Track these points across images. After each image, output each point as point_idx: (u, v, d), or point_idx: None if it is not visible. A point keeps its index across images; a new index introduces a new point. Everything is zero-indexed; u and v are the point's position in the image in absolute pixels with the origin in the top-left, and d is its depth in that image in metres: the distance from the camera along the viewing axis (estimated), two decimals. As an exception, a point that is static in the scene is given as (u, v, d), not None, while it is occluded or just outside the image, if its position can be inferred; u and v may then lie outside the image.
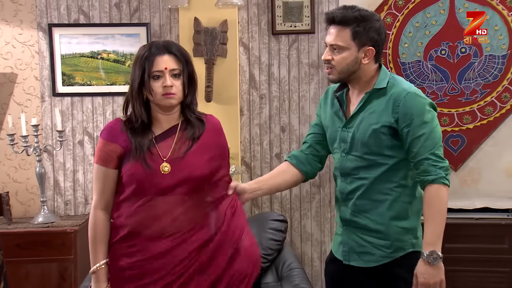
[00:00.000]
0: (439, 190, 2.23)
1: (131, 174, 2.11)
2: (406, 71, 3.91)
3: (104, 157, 2.13)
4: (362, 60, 2.33)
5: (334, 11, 2.33)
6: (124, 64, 4.04)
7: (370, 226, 2.37)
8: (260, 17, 4.06)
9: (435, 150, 2.25)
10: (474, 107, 3.88)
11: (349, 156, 2.40)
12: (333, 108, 2.50)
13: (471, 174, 3.93)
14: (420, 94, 2.32)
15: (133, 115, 2.17)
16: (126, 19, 4.06)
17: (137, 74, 2.15)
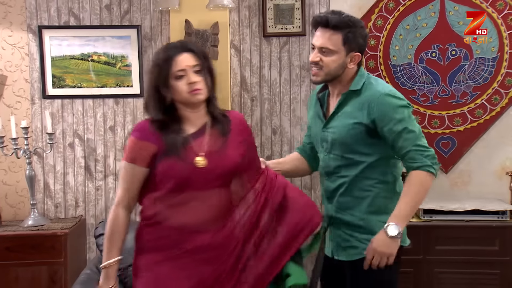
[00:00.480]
0: (421, 176, 2.31)
1: (169, 170, 2.13)
2: (397, 73, 3.92)
3: (135, 155, 2.14)
4: (348, 64, 2.38)
5: (327, 15, 2.36)
6: (115, 66, 4.03)
7: (353, 221, 2.45)
8: (251, 19, 4.06)
9: (417, 141, 2.33)
10: (464, 110, 3.89)
11: (331, 155, 2.48)
12: (315, 109, 2.58)
13: (462, 176, 3.94)
14: (394, 94, 2.38)
15: (155, 115, 2.21)
16: (116, 21, 4.04)
17: (160, 78, 2.17)
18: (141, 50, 4.03)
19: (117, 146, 4.09)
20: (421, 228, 3.54)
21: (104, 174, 4.10)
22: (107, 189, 4.10)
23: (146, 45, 4.07)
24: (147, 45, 4.07)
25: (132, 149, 2.15)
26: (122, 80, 4.05)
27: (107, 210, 4.08)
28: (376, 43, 3.93)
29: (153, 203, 2.16)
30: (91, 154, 4.09)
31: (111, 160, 4.09)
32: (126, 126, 4.09)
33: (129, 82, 4.05)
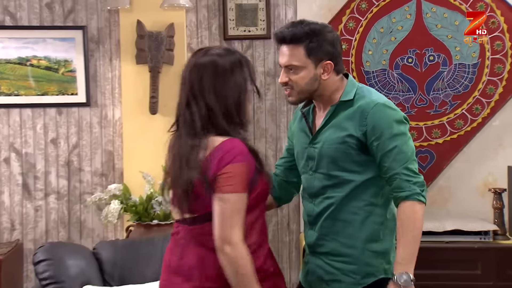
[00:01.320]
0: (413, 207, 2.27)
1: (266, 189, 2.22)
2: (371, 80, 3.97)
3: (246, 181, 2.13)
4: (321, 76, 2.37)
5: (283, 30, 2.36)
6: (57, 71, 4.00)
7: (338, 249, 2.40)
8: (210, 20, 4.08)
9: (408, 164, 2.29)
10: (443, 120, 3.96)
11: (317, 175, 2.44)
12: (300, 125, 2.55)
13: (441, 193, 4.00)
14: (390, 105, 2.37)
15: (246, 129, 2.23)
16: (59, 21, 4.02)
17: (243, 81, 2.20)
18: (87, 54, 4.01)
19: (60, 161, 4.06)
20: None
21: (45, 193, 4.05)
22: (48, 209, 4.05)
23: (93, 49, 4.05)
24: (94, 49, 4.05)
25: (246, 176, 2.13)
26: (65, 87, 4.02)
27: (47, 234, 4.05)
28: (348, 48, 3.98)
29: (251, 228, 2.19)
30: (29, 170, 4.05)
31: (53, 177, 4.06)
32: (70, 138, 4.06)
33: (73, 90, 4.03)
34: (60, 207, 4.08)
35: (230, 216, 2.10)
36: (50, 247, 3.02)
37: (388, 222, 2.41)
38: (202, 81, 2.16)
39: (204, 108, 2.16)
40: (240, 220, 2.11)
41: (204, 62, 2.18)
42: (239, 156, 2.12)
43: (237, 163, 2.11)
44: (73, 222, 4.09)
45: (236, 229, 2.10)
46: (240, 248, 2.10)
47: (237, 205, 2.11)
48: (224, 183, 2.09)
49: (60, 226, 4.08)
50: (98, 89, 4.08)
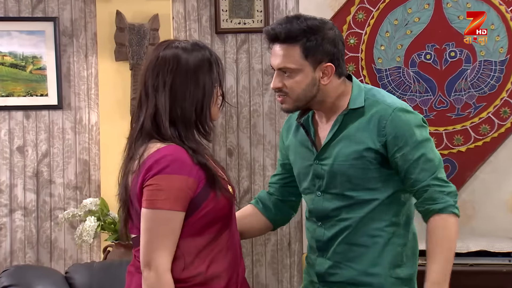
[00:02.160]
0: (447, 221, 2.27)
1: (223, 208, 2.13)
2: (383, 79, 3.95)
3: (181, 197, 2.06)
4: (320, 80, 2.32)
5: (275, 26, 2.30)
6: (25, 69, 3.99)
7: (356, 278, 2.36)
8: (200, 11, 4.07)
9: (438, 173, 2.28)
10: (466, 125, 3.94)
11: (327, 195, 2.39)
12: (298, 138, 2.49)
13: (464, 209, 3.95)
14: (408, 109, 2.35)
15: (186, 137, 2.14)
16: (26, 12, 4.01)
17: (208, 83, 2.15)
18: (59, 49, 4.00)
19: (28, 173, 4.04)
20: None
21: (10, 209, 4.03)
22: (13, 227, 4.03)
23: (66, 43, 4.04)
24: (67, 43, 4.04)
25: (178, 190, 2.06)
26: (34, 88, 4.01)
27: (12, 255, 4.02)
28: (357, 42, 3.96)
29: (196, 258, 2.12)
30: (-8, 182, 4.03)
31: (19, 190, 4.03)
32: (39, 146, 4.04)
33: (43, 90, 4.02)
34: (28, 225, 4.05)
35: (155, 236, 2.06)
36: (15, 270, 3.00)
37: (409, 243, 2.40)
38: (158, 78, 2.12)
39: (153, 109, 2.12)
40: (169, 243, 2.06)
41: (164, 56, 2.13)
42: (172, 166, 2.06)
43: (168, 175, 2.05)
44: (42, 242, 4.06)
45: (160, 253, 2.05)
46: (162, 275, 2.05)
47: (165, 224, 2.06)
48: (150, 196, 2.05)
49: (27, 247, 4.05)
50: (72, 89, 4.06)
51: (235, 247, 2.20)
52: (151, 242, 2.04)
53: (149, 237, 2.05)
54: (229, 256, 2.16)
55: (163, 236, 2.05)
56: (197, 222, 2.10)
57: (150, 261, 2.04)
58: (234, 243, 2.20)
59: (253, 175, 4.06)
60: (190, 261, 2.10)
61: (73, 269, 3.14)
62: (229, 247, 2.17)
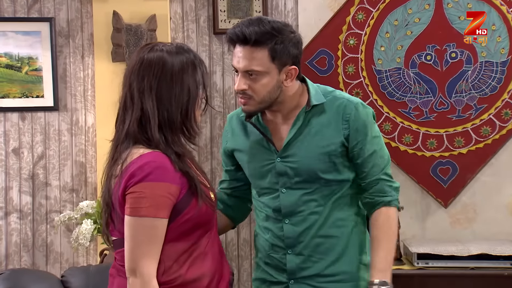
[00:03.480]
0: (393, 213, 2.46)
1: (204, 215, 2.17)
2: (383, 80, 3.95)
3: (164, 204, 2.09)
4: (284, 82, 2.39)
5: (243, 29, 2.32)
6: (20, 70, 3.99)
7: (330, 268, 2.46)
8: (198, 11, 4.07)
9: (386, 169, 2.48)
10: (467, 127, 3.94)
11: (293, 191, 2.47)
12: (251, 138, 2.54)
13: (465, 212, 3.98)
14: (365, 104, 2.52)
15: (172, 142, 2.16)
16: (22, 12, 4.01)
17: (192, 86, 2.18)
18: (55, 50, 4.00)
19: (23, 175, 4.04)
20: (415, 278, 3.56)
21: (5, 211, 4.03)
22: (8, 230, 4.03)
23: (62, 44, 4.04)
24: (63, 44, 4.04)
25: (160, 197, 2.08)
26: (29, 89, 4.01)
27: (8, 259, 4.02)
28: (357, 43, 3.96)
29: (175, 262, 2.16)
30: (-13, 185, 4.03)
31: (15, 193, 4.03)
32: (36, 148, 4.04)
33: (39, 91, 4.01)
34: (23, 228, 4.05)
35: (140, 243, 2.09)
36: (11, 274, 3.00)
37: (366, 232, 2.56)
38: (144, 81, 2.14)
39: (138, 113, 2.14)
40: (153, 250, 2.10)
41: (149, 59, 2.16)
42: (155, 173, 2.08)
43: (151, 182, 2.08)
44: (38, 245, 4.06)
45: (146, 260, 2.08)
46: (148, 282, 2.08)
47: (149, 231, 2.09)
48: (134, 204, 2.07)
49: (23, 250, 4.04)
50: (68, 90, 4.06)
51: (215, 250, 2.24)
52: (136, 249, 2.08)
53: (133, 244, 2.08)
54: (209, 259, 2.21)
55: (147, 243, 2.08)
56: (178, 228, 2.14)
57: (136, 268, 2.07)
58: (215, 246, 2.25)
59: (252, 178, 4.06)
60: (169, 265, 2.14)
61: (69, 272, 3.14)
62: (209, 251, 2.21)
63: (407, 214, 3.89)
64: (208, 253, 2.20)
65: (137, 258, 2.07)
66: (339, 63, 3.97)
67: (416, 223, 3.98)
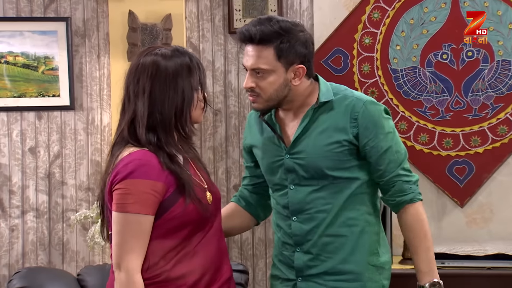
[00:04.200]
0: (418, 210, 2.46)
1: (187, 214, 2.20)
2: (398, 79, 3.95)
3: (148, 201, 2.16)
4: (292, 81, 2.43)
5: (250, 28, 2.39)
6: (37, 70, 4.01)
7: (337, 267, 2.47)
8: (213, 11, 4.07)
9: (404, 164, 2.46)
10: (484, 126, 3.93)
11: (301, 188, 2.49)
12: (264, 135, 2.58)
13: (481, 211, 3.96)
14: (376, 102, 2.51)
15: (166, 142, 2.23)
16: (39, 12, 4.02)
17: (187, 88, 2.25)
18: (71, 49, 4.01)
19: (40, 174, 4.05)
20: (431, 278, 3.56)
21: (22, 210, 4.04)
22: (25, 229, 4.04)
23: (78, 43, 4.05)
24: (79, 43, 4.05)
25: (144, 194, 2.16)
26: (46, 88, 4.03)
27: (24, 257, 4.03)
28: (372, 42, 3.96)
29: (162, 259, 2.21)
30: (4, 183, 4.04)
31: (31, 192, 4.05)
32: (51, 147, 4.06)
33: (55, 91, 4.03)
34: (40, 227, 4.07)
35: (125, 239, 2.16)
36: (27, 273, 3.02)
37: (382, 233, 2.55)
38: (139, 84, 2.23)
39: (131, 114, 2.23)
40: (139, 245, 2.16)
41: (144, 63, 2.24)
42: (139, 171, 2.16)
43: (135, 179, 2.15)
44: (54, 243, 4.08)
45: (131, 255, 2.15)
46: (132, 276, 2.15)
47: (134, 227, 2.16)
48: (119, 200, 2.15)
49: (39, 249, 4.06)
50: (84, 90, 4.08)
51: (210, 249, 2.27)
52: (122, 244, 2.15)
53: (119, 239, 2.15)
54: (200, 258, 2.24)
55: (132, 239, 2.15)
56: (165, 225, 2.20)
57: (121, 262, 2.14)
58: (210, 246, 2.27)
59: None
60: (154, 262, 2.20)
61: (85, 271, 3.16)
62: (200, 250, 2.24)
63: (423, 214, 3.89)
64: (198, 251, 2.24)
65: (122, 253, 2.15)
66: (355, 62, 3.97)
67: (432, 223, 3.95)
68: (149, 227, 2.17)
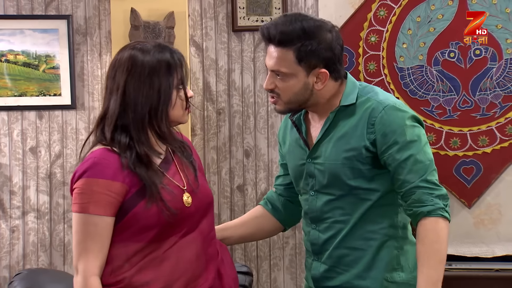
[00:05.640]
0: (436, 225, 2.24)
1: (150, 217, 2.11)
2: (405, 78, 3.93)
3: (102, 201, 2.08)
4: (314, 85, 2.32)
5: (270, 27, 2.28)
6: (38, 68, 4.01)
7: (352, 282, 2.38)
8: (217, 8, 4.07)
9: (428, 175, 2.26)
10: (492, 126, 3.91)
11: (320, 195, 2.40)
12: (292, 136, 2.51)
13: (489, 212, 3.94)
14: (401, 107, 2.34)
15: (139, 143, 2.15)
16: (39, 9, 4.03)
17: (165, 86, 2.14)
18: (73, 47, 4.02)
19: (41, 174, 4.06)
20: (438, 280, 3.54)
21: (23, 211, 4.06)
22: (26, 230, 4.05)
23: (80, 41, 4.06)
24: (81, 41, 4.06)
25: (96, 193, 2.08)
26: (47, 87, 4.04)
27: (25, 258, 4.04)
28: (378, 40, 3.95)
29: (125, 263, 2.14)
30: (4, 184, 4.06)
31: (32, 192, 4.06)
32: (53, 147, 4.07)
33: (56, 90, 4.04)
34: (40, 228, 4.07)
35: (80, 240, 2.10)
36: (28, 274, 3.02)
37: (410, 247, 2.39)
38: (115, 79, 2.14)
39: (103, 112, 2.17)
40: (94, 247, 2.09)
41: (121, 58, 2.15)
42: (93, 170, 2.09)
43: (89, 178, 2.09)
44: (55, 245, 4.08)
45: (85, 257, 2.08)
46: (87, 280, 2.08)
47: (88, 228, 2.09)
48: (74, 200, 2.10)
49: (40, 250, 4.07)
50: (86, 89, 4.08)
51: (186, 255, 2.18)
52: (76, 245, 2.10)
53: (75, 240, 2.10)
54: (170, 264, 2.15)
55: (88, 240, 2.08)
56: (127, 227, 2.12)
57: (77, 265, 2.08)
58: (186, 251, 2.18)
59: (271, 177, 4.05)
60: (118, 266, 2.12)
61: (86, 273, 3.15)
62: (171, 256, 2.15)
63: (430, 215, 3.88)
64: (169, 257, 2.15)
65: (77, 254, 2.09)
66: (360, 61, 3.95)
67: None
68: (106, 229, 2.09)
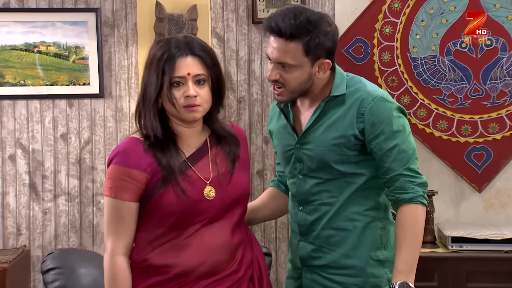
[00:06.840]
0: (416, 211, 2.32)
1: (169, 205, 2.17)
2: (418, 68, 3.94)
3: (125, 187, 2.17)
4: (316, 74, 2.35)
5: (277, 20, 2.27)
6: (68, 59, 4.03)
7: (339, 261, 2.43)
8: (237, 1, 4.08)
9: (410, 164, 2.34)
10: (502, 113, 3.91)
11: (307, 179, 2.45)
12: (280, 123, 2.54)
13: (499, 196, 3.95)
14: (388, 98, 2.39)
15: (147, 130, 2.21)
16: (69, 2, 4.05)
17: (153, 79, 2.19)
18: (101, 39, 4.04)
19: (71, 159, 4.09)
20: (449, 261, 3.54)
21: (54, 194, 4.09)
22: (57, 212, 4.09)
23: (107, 33, 4.08)
24: (108, 33, 4.08)
25: (119, 180, 2.17)
26: (77, 77, 4.06)
27: (57, 239, 4.09)
28: (393, 31, 3.95)
29: (148, 245, 2.22)
30: (37, 168, 4.09)
31: (63, 176, 4.09)
32: (82, 133, 4.10)
33: (85, 79, 4.06)
34: (71, 210, 4.11)
35: (106, 222, 2.22)
36: (60, 254, 3.05)
37: (389, 227, 2.46)
38: None
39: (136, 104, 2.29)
40: (117, 229, 2.19)
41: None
42: (118, 158, 2.19)
43: (114, 165, 2.19)
44: (85, 226, 4.12)
45: (111, 237, 2.20)
46: (112, 258, 2.18)
47: (112, 211, 2.20)
48: (105, 184, 2.22)
49: (70, 231, 4.11)
50: (113, 78, 4.11)
51: (206, 243, 2.20)
52: (106, 226, 2.22)
53: (104, 221, 2.22)
54: (190, 251, 2.19)
55: (113, 222, 2.19)
56: (150, 214, 2.19)
57: (106, 244, 2.20)
58: (206, 239, 2.21)
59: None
60: (141, 248, 2.20)
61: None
62: (191, 243, 2.19)
63: (442, 199, 3.88)
64: (190, 245, 2.20)
65: (106, 234, 2.21)
66: (375, 51, 3.96)
67: (451, 208, 3.97)
68: (130, 213, 2.18)
